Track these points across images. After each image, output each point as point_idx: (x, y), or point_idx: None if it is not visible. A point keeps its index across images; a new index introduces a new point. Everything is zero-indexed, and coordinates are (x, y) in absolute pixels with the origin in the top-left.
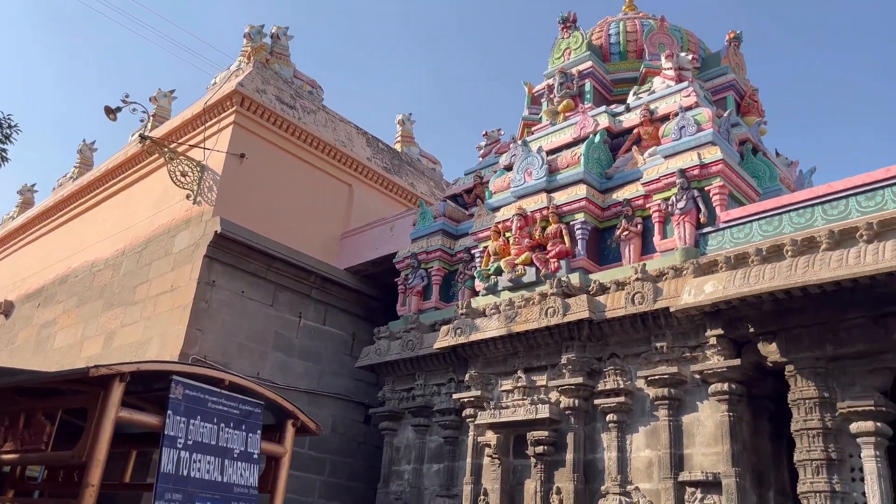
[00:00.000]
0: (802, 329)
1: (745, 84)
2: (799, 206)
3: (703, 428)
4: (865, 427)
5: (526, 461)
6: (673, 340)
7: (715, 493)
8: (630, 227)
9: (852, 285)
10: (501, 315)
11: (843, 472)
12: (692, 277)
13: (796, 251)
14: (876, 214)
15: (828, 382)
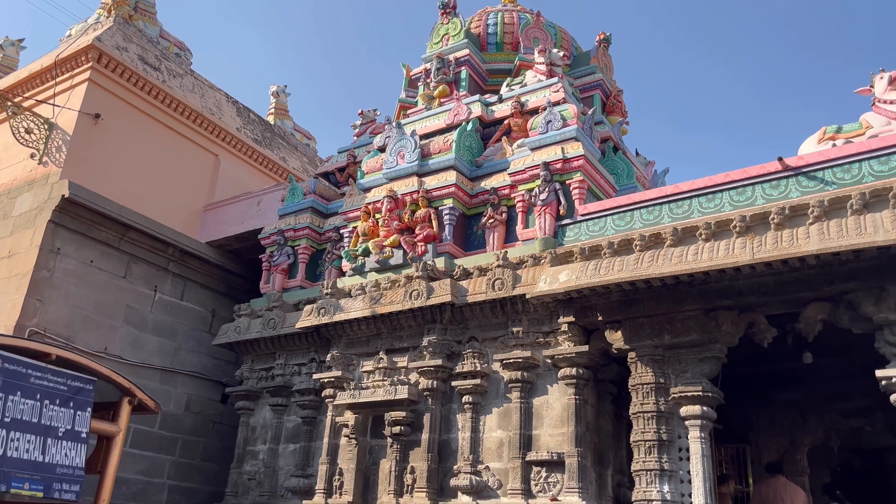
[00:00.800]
0: (645, 319)
1: (611, 84)
2: (649, 204)
3: (551, 410)
4: (693, 411)
5: (383, 441)
6: (528, 326)
7: (559, 471)
8: (495, 215)
9: (689, 280)
10: (367, 296)
11: (672, 452)
12: (549, 266)
13: (644, 246)
14: (714, 215)
15: (664, 369)
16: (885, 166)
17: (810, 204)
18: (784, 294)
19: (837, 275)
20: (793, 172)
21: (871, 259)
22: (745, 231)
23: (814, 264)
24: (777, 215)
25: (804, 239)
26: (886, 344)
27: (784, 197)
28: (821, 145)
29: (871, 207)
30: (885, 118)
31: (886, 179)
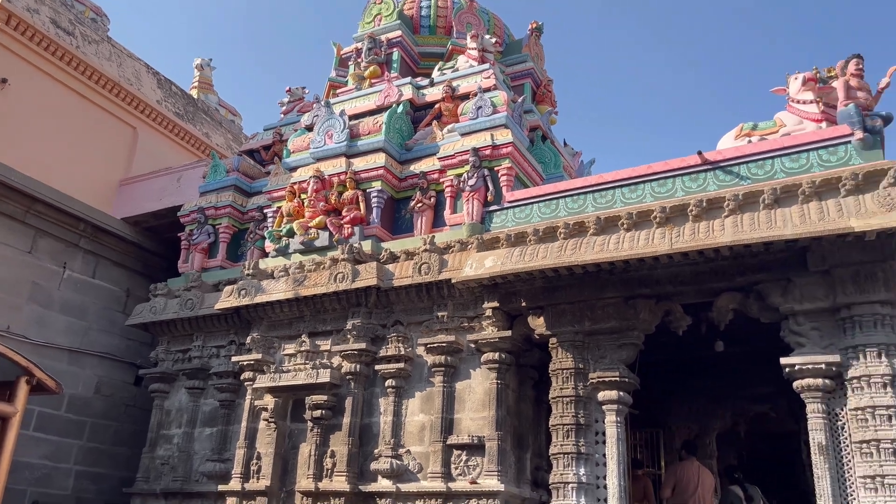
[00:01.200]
0: (567, 305)
1: (542, 74)
2: (574, 193)
3: (473, 394)
4: (610, 396)
5: (303, 425)
6: (453, 311)
7: (479, 455)
8: (424, 199)
9: (610, 268)
10: (290, 278)
11: (589, 436)
12: (476, 252)
13: (568, 234)
14: (636, 206)
15: (584, 355)
16: (795, 164)
17: (726, 197)
18: (699, 284)
19: (749, 266)
20: (711, 166)
21: (780, 252)
22: (665, 222)
23: (727, 255)
24: (695, 207)
25: (720, 231)
26: (791, 333)
27: (702, 190)
28: (738, 141)
29: (781, 202)
30: (797, 117)
31: (796, 176)
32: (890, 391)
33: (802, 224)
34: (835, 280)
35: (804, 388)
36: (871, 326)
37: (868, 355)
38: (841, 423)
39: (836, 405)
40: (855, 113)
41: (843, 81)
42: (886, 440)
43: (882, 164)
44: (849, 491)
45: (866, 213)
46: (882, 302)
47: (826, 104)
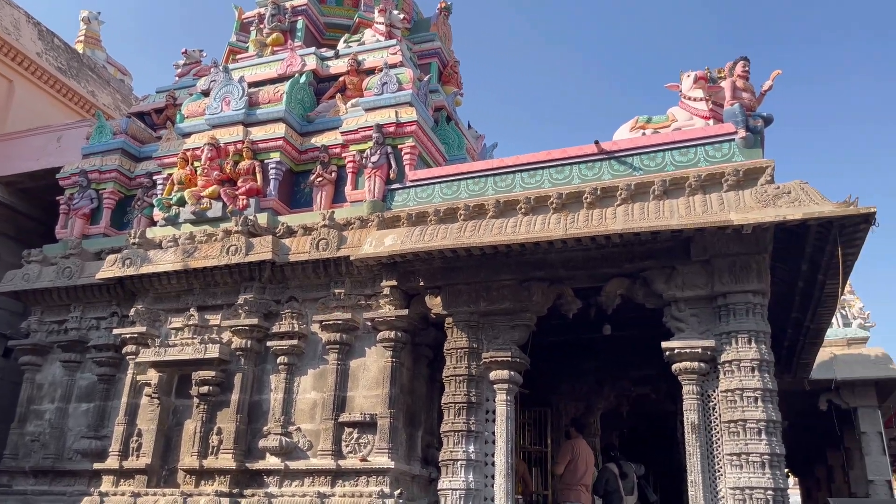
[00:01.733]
0: (464, 286)
1: (448, 54)
2: (475, 176)
3: (367, 372)
4: (502, 375)
5: (189, 401)
6: (351, 288)
7: (370, 432)
8: (325, 173)
9: (507, 251)
10: (179, 249)
11: (480, 414)
12: (376, 230)
13: (468, 215)
14: (534, 191)
15: (478, 335)
16: (684, 157)
17: (619, 187)
18: (590, 269)
19: (637, 254)
20: (607, 156)
21: (667, 241)
22: (562, 208)
23: (618, 243)
24: (590, 195)
25: (612, 219)
26: (673, 319)
27: (598, 178)
28: (632, 133)
29: (670, 194)
30: (688, 113)
31: (685, 169)
32: (757, 375)
33: (688, 215)
34: (714, 269)
35: (681, 370)
36: (744, 314)
37: (739, 341)
38: (713, 403)
39: (709, 387)
40: (739, 112)
41: (731, 82)
42: (752, 420)
43: (761, 162)
44: (717, 467)
45: (745, 207)
46: (754, 291)
47: (714, 103)
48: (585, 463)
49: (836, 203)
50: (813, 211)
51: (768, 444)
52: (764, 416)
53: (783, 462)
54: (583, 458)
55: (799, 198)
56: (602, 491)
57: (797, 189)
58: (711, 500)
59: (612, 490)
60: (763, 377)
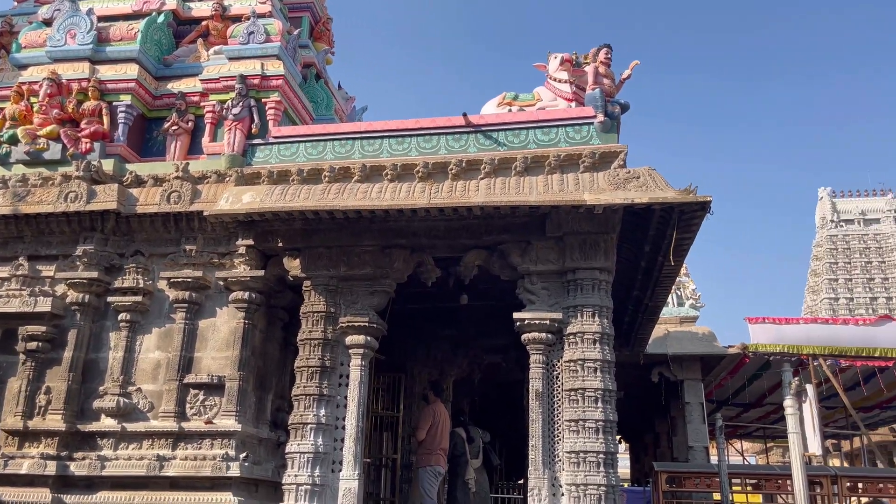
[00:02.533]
0: (324, 249)
1: (321, 10)
2: (343, 138)
3: (217, 333)
4: (358, 340)
5: (14, 357)
6: (203, 245)
7: (217, 394)
8: (181, 122)
9: (371, 216)
10: (9, 191)
11: (333, 378)
12: (234, 185)
13: (333, 178)
14: (402, 158)
15: (336, 299)
16: (546, 136)
17: (484, 160)
18: (451, 239)
19: (496, 227)
20: (474, 129)
21: (524, 216)
22: (427, 177)
23: (479, 215)
24: (455, 166)
25: (474, 191)
26: (525, 291)
27: (464, 150)
28: (499, 109)
29: (530, 171)
30: (553, 94)
31: (546, 148)
32: (598, 347)
33: (546, 193)
34: (566, 246)
35: (530, 340)
36: (590, 290)
37: (585, 315)
38: (556, 372)
39: (554, 357)
40: (599, 97)
41: (594, 67)
42: (591, 389)
43: (616, 147)
44: (556, 432)
45: (598, 189)
46: (601, 269)
47: (578, 86)
48: (444, 428)
49: (678, 190)
50: (658, 196)
51: (603, 412)
52: (601, 386)
53: (615, 428)
54: (442, 423)
55: (647, 183)
56: (449, 454)
57: (646, 175)
58: (549, 462)
59: (459, 454)
60: (603, 349)
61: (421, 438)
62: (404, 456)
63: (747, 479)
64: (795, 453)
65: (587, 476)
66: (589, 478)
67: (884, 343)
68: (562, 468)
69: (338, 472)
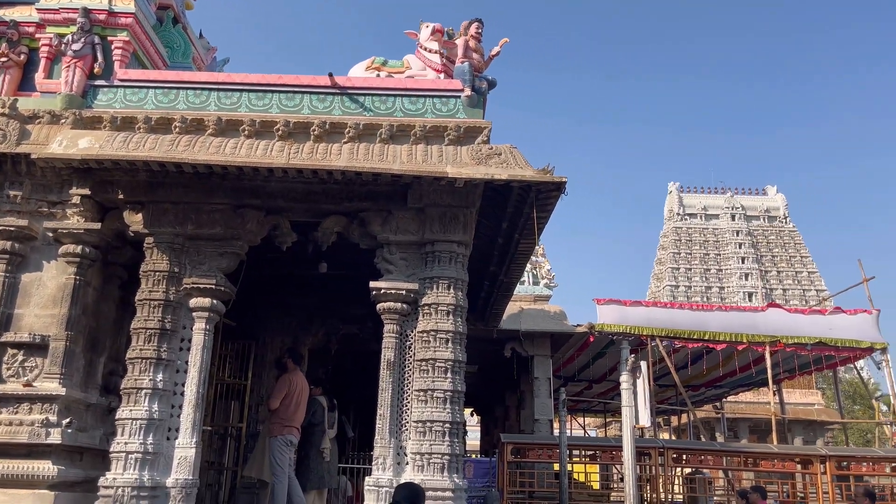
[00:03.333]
0: (170, 205)
1: None
2: (198, 87)
3: (43, 288)
4: (203, 303)
5: None
6: (31, 192)
7: (40, 355)
8: (11, 54)
9: (223, 172)
10: None
11: (174, 342)
12: (70, 128)
13: (184, 129)
14: (261, 114)
15: (181, 259)
16: (413, 106)
17: (348, 124)
18: (310, 203)
19: (357, 194)
20: (340, 91)
21: (387, 185)
22: (288, 136)
23: (340, 180)
24: (318, 128)
25: (336, 155)
26: (383, 260)
27: (328, 112)
28: (368, 73)
29: (396, 139)
30: (423, 64)
31: (413, 118)
32: (451, 318)
33: (409, 163)
34: (426, 218)
35: (385, 310)
36: (447, 262)
37: (440, 286)
38: (409, 343)
39: (408, 327)
40: (468, 71)
41: (464, 41)
42: (441, 360)
43: (480, 122)
44: (405, 401)
45: (461, 162)
46: (459, 242)
47: (448, 58)
48: (301, 398)
49: (537, 170)
50: (517, 174)
51: (452, 382)
52: (452, 357)
53: (462, 398)
54: (299, 393)
55: (508, 160)
56: (307, 422)
57: (507, 152)
58: (396, 432)
59: (317, 422)
60: (456, 321)
61: (274, 407)
62: (251, 425)
63: (585, 451)
64: (627, 426)
65: (432, 445)
66: (434, 446)
67: (713, 327)
68: (408, 437)
69: (174, 440)
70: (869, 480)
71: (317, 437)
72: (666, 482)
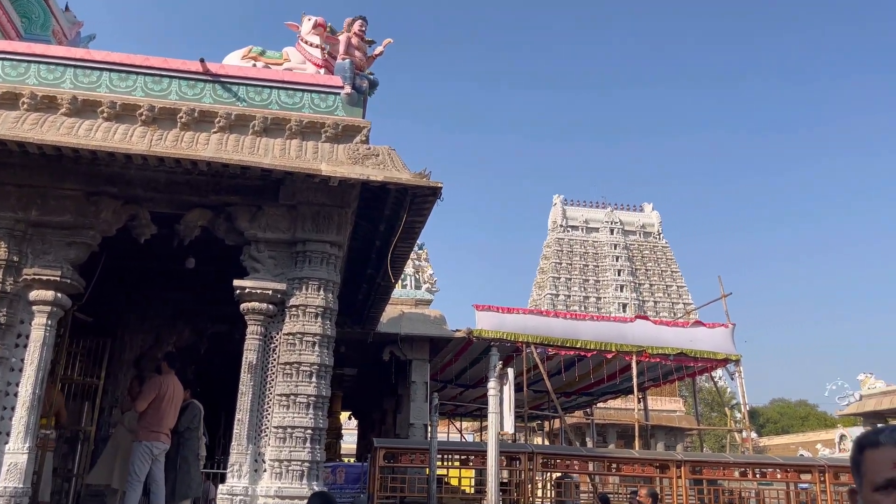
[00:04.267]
0: (13, 187)
1: None
2: (53, 62)
3: None
4: (45, 296)
5: None
6: None
7: None
8: None
9: (75, 156)
10: None
11: (9, 338)
12: None
13: (34, 106)
14: (123, 96)
15: (22, 247)
16: (291, 99)
17: (219, 113)
18: (173, 193)
19: (226, 187)
20: (212, 78)
21: (257, 179)
22: (152, 121)
23: (206, 171)
24: (186, 115)
25: (203, 145)
26: (250, 258)
27: (198, 99)
28: (243, 62)
29: (270, 133)
30: (303, 57)
31: (289, 112)
32: (319, 321)
33: (282, 157)
34: (299, 216)
35: (250, 310)
36: (319, 263)
37: (310, 287)
38: (274, 345)
39: (274, 329)
40: (349, 68)
41: (347, 37)
42: (307, 363)
43: (360, 121)
44: (267, 406)
45: (337, 161)
46: (332, 243)
47: (330, 54)
48: (173, 403)
49: (413, 174)
50: (393, 176)
51: (317, 387)
52: (318, 361)
53: (326, 403)
54: (170, 397)
55: (385, 162)
56: (184, 427)
57: (385, 154)
58: (255, 438)
59: (194, 427)
60: (324, 324)
61: (140, 410)
62: (102, 427)
63: (457, 456)
64: (493, 431)
65: (292, 451)
66: (294, 453)
67: (585, 336)
68: (268, 443)
69: (3, 445)
70: (722, 484)
71: (194, 443)
72: (534, 486)
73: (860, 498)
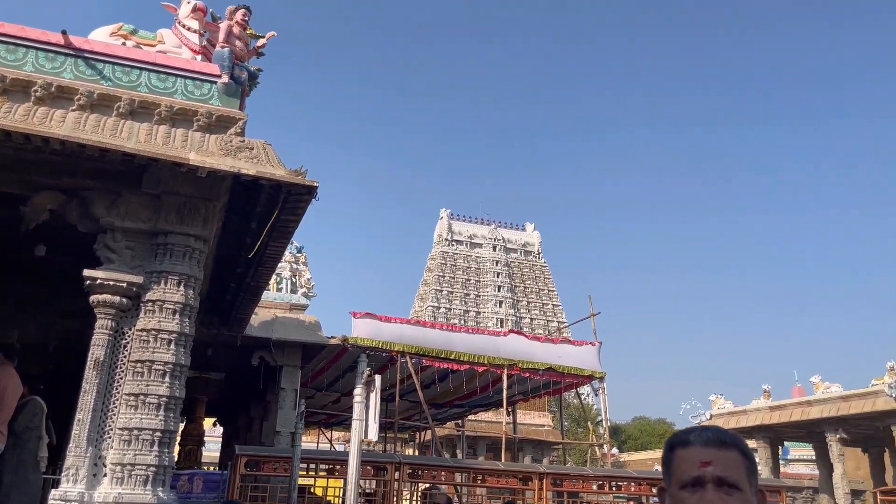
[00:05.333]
0: None
1: None
2: None
3: None
4: None
5: None
6: None
7: None
8: None
9: None
10: None
11: None
12: None
13: None
14: None
15: None
16: (162, 83)
17: (80, 91)
18: (21, 173)
19: (82, 169)
20: (74, 52)
21: (118, 164)
22: (2, 92)
23: (60, 151)
24: (42, 89)
25: (59, 122)
26: (105, 247)
27: (57, 74)
28: (112, 39)
29: (136, 116)
30: (179, 41)
31: (159, 96)
32: (178, 318)
33: (147, 143)
34: (162, 206)
35: (100, 303)
36: (181, 257)
37: (169, 282)
38: (125, 342)
39: (126, 324)
40: (228, 57)
41: (228, 26)
42: (160, 362)
43: (236, 113)
44: (112, 406)
45: (207, 151)
46: (197, 237)
47: (209, 41)
48: (12, 398)
49: (289, 170)
50: (267, 171)
51: (170, 387)
52: (173, 360)
53: (180, 405)
54: (10, 392)
55: (259, 156)
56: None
57: (260, 148)
58: (97, 440)
59: (34, 426)
60: (183, 322)
61: None
62: None
63: (321, 464)
64: (355, 439)
65: (137, 455)
66: (139, 457)
67: (459, 348)
68: (110, 446)
69: None
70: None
71: (33, 444)
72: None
73: (667, 495)
